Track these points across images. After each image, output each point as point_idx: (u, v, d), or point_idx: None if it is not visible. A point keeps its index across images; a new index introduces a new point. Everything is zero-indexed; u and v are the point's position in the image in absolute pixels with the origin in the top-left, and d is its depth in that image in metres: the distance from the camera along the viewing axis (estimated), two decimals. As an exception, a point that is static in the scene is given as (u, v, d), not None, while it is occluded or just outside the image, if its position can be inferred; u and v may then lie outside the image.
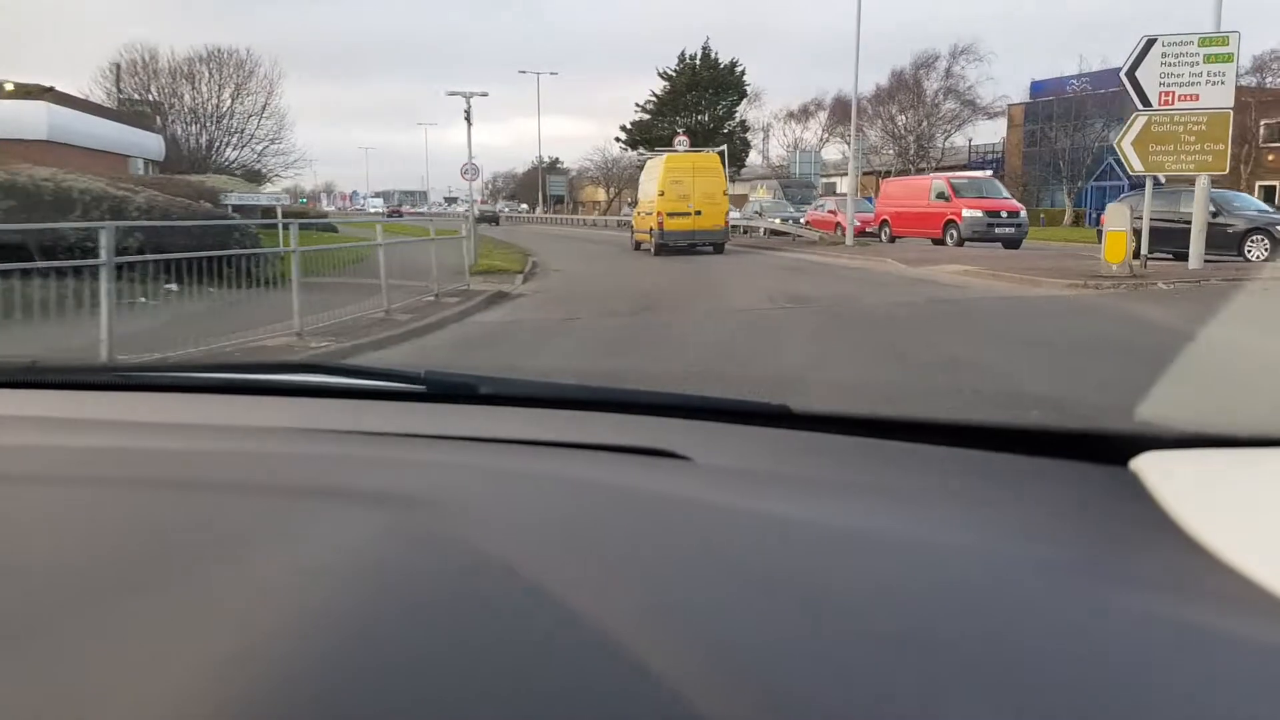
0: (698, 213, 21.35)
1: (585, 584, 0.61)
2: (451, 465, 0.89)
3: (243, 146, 44.15)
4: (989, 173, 32.30)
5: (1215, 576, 0.65)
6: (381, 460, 0.91)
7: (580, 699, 0.49)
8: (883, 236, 26.07)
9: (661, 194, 21.51)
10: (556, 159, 78.16)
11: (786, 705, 0.49)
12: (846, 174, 52.15)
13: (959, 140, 49.60)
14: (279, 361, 3.46)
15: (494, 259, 18.76)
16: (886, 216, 26.34)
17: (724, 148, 30.33)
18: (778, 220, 30.70)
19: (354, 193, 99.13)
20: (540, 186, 67.48)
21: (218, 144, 43.38)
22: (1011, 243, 22.60)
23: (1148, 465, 0.85)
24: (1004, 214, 23.29)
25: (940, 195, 24.37)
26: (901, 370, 6.75)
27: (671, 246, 21.29)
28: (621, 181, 66.13)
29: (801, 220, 30.65)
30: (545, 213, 64.01)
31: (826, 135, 53.11)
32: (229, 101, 43.78)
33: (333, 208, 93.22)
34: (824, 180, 45.88)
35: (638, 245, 23.54)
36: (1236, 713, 0.50)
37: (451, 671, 0.51)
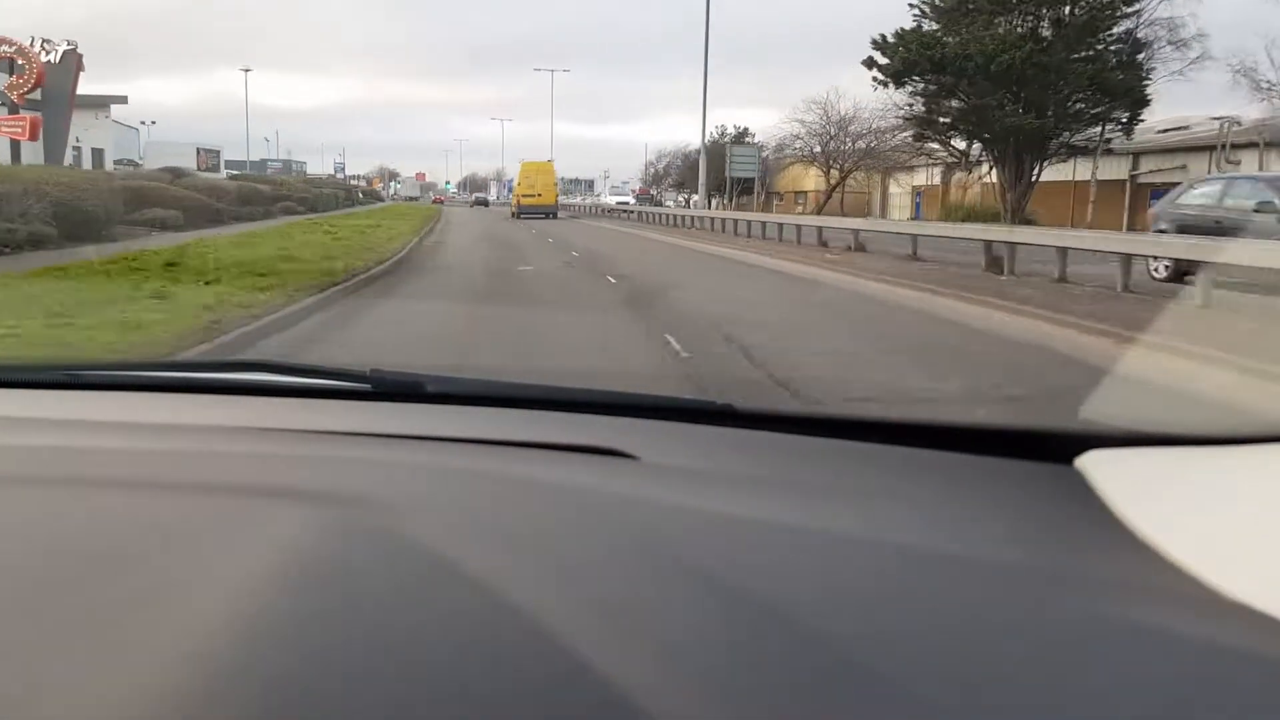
0: (539, 195, 43.36)
1: (532, 582, 0.61)
2: (398, 464, 0.89)
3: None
4: None
5: (1158, 573, 0.66)
6: (328, 459, 0.91)
7: (524, 696, 0.50)
8: None
9: (519, 184, 45.13)
10: (745, 130, 50.47)
11: (731, 702, 0.50)
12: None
13: None
14: (226, 360, 3.44)
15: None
16: None
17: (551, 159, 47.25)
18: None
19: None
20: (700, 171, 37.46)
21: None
22: None
23: (1092, 463, 0.86)
24: None
25: None
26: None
27: (525, 215, 41.38)
28: (853, 156, 38.00)
29: None
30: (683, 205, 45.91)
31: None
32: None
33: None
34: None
35: (511, 215, 43.66)
36: (1176, 707, 0.51)
37: (397, 668, 0.52)
